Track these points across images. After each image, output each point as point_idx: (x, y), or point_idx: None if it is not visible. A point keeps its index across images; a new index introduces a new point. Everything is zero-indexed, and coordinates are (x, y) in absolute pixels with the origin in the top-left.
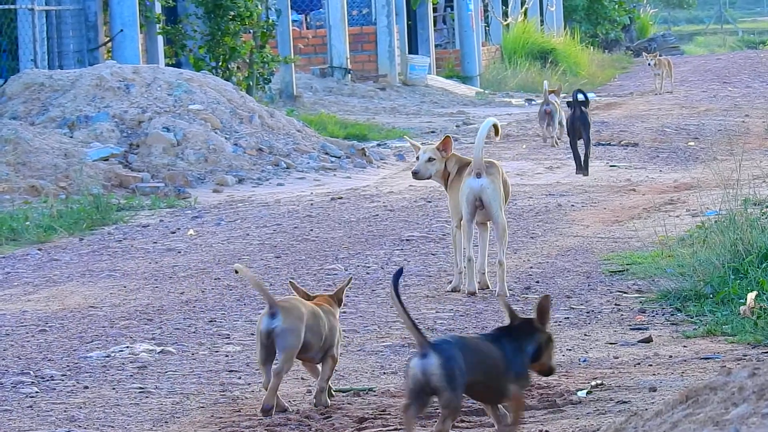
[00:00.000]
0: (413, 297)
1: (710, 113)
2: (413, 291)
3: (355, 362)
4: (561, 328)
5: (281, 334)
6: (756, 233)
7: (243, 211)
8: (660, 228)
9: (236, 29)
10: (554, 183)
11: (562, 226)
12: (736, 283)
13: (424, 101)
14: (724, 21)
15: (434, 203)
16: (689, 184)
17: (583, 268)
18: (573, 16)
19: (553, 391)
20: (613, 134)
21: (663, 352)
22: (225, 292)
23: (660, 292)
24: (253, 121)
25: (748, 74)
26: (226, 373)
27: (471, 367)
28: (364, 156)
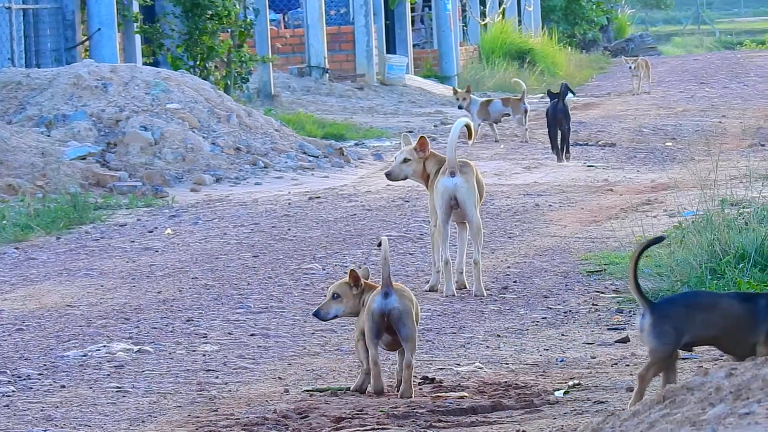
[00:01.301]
0: None
1: (687, 114)
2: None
3: (333, 362)
4: (538, 327)
5: (400, 317)
6: (733, 234)
7: (220, 210)
8: (637, 228)
9: (214, 28)
10: (532, 183)
11: (539, 226)
12: (714, 283)
13: (402, 101)
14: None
15: (412, 203)
16: (666, 185)
17: (561, 268)
18: (551, 16)
19: (531, 391)
20: (591, 134)
21: (640, 352)
22: (202, 291)
23: None
24: (230, 121)
25: (726, 75)
26: (204, 373)
27: (699, 324)
28: (341, 155)
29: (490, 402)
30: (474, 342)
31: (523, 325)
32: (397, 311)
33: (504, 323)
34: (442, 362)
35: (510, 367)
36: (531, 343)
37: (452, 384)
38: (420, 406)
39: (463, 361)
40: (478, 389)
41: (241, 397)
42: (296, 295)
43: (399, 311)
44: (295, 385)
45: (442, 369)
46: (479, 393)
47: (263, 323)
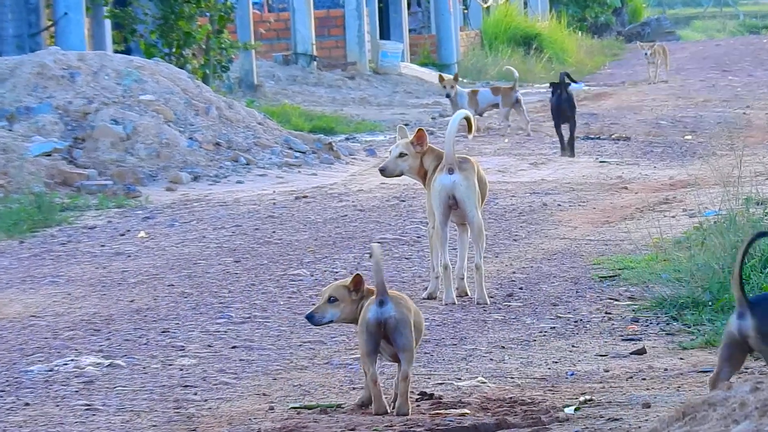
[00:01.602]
0: None
1: (709, 104)
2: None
3: (322, 376)
4: (546, 338)
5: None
6: None
7: (199, 211)
8: (654, 229)
9: (191, 12)
10: (539, 180)
11: (547, 227)
12: None
13: (397, 91)
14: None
15: (408, 202)
16: (686, 182)
17: (571, 273)
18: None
19: (538, 408)
20: (603, 127)
21: (657, 364)
22: (179, 299)
23: (654, 299)
24: (209, 113)
25: (750, 62)
26: (181, 389)
27: None
28: (331, 151)
29: (494, 420)
30: (476, 354)
31: (529, 335)
32: (393, 320)
33: (509, 334)
34: (441, 376)
35: (516, 381)
36: (538, 356)
37: (453, 400)
38: (418, 424)
39: (465, 375)
40: (480, 406)
41: (222, 415)
42: (282, 304)
43: (395, 320)
44: (281, 401)
45: (441, 384)
46: (482, 410)
47: (246, 334)
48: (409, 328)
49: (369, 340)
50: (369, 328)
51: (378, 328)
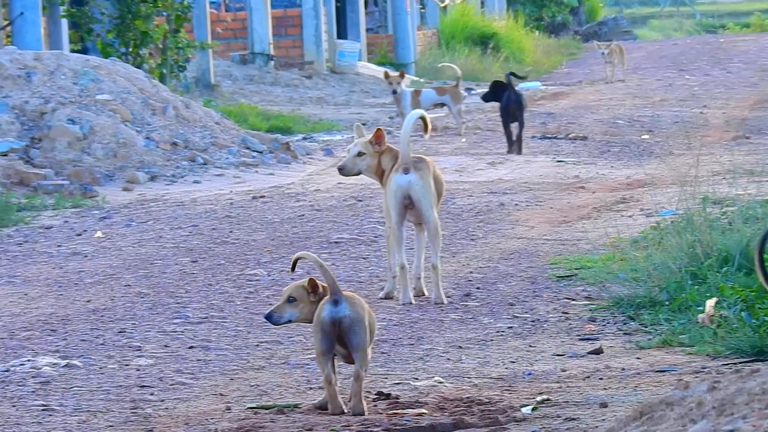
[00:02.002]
0: None
1: (666, 104)
2: None
3: (279, 376)
4: (504, 338)
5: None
6: (716, 234)
7: (156, 211)
8: (611, 229)
9: (148, 12)
10: (496, 180)
11: (504, 226)
12: (694, 289)
13: (354, 91)
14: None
15: (365, 202)
16: (643, 181)
17: (528, 272)
18: None
19: (496, 407)
20: (560, 126)
21: (615, 364)
22: (136, 299)
23: (611, 298)
24: (166, 113)
25: (707, 61)
26: (138, 389)
27: None
28: (288, 150)
29: (452, 420)
30: (433, 354)
31: (487, 335)
32: (348, 319)
33: (466, 333)
34: (398, 376)
35: (473, 381)
36: (496, 355)
37: (410, 400)
38: (375, 424)
39: (422, 375)
40: (438, 406)
41: (178, 415)
42: (239, 304)
43: (350, 319)
44: (237, 402)
45: (398, 384)
46: (439, 410)
47: (203, 335)
48: (364, 327)
49: (324, 339)
50: (324, 327)
51: (333, 327)
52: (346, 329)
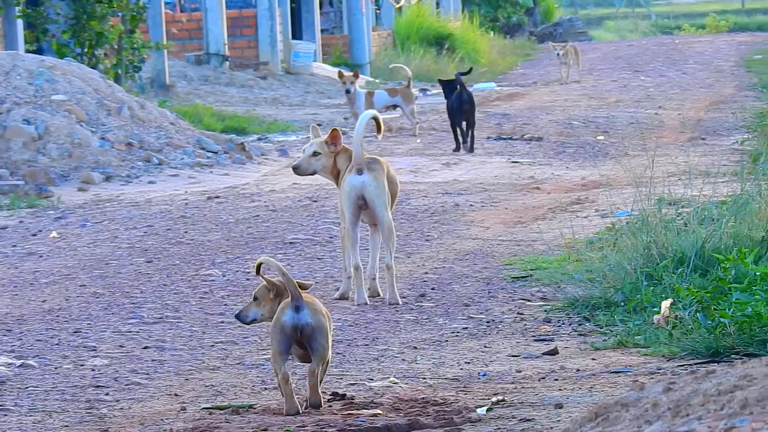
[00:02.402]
0: None
1: (621, 105)
2: None
3: (234, 377)
4: (459, 339)
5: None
6: (671, 235)
7: (111, 211)
8: (567, 230)
9: (103, 12)
10: (451, 180)
11: (459, 227)
12: (650, 289)
13: (309, 91)
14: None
15: (320, 203)
16: (598, 182)
17: (483, 273)
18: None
19: (450, 408)
20: (516, 127)
21: (570, 365)
22: (91, 300)
23: (567, 299)
24: (121, 113)
25: (662, 62)
26: (93, 389)
27: None
28: (243, 151)
29: (407, 420)
30: (388, 355)
31: (442, 336)
32: (310, 327)
33: (421, 334)
34: (353, 377)
35: (428, 382)
36: (451, 356)
37: (365, 401)
38: (329, 424)
39: (377, 375)
40: (392, 406)
41: (133, 415)
42: (194, 304)
43: (312, 327)
44: (192, 402)
45: (353, 384)
46: (394, 410)
47: (158, 335)
48: (325, 335)
49: (283, 341)
50: (285, 330)
51: (294, 332)
52: (308, 336)
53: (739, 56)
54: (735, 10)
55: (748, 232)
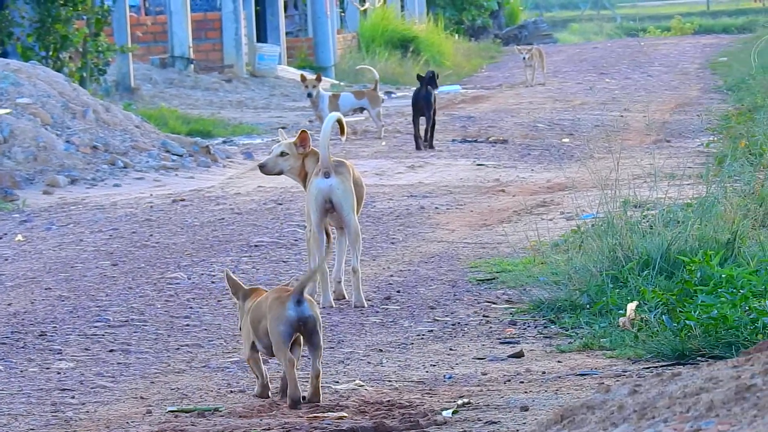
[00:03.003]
0: None
1: (586, 107)
2: None
3: (200, 380)
4: (424, 341)
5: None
6: (636, 238)
7: (76, 214)
8: (532, 232)
9: (68, 15)
10: (416, 183)
11: (425, 230)
12: (615, 292)
13: (274, 94)
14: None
15: (285, 205)
16: (563, 185)
17: (448, 276)
18: (436, 1)
19: (416, 411)
20: (481, 130)
21: (535, 367)
22: (56, 303)
23: (532, 302)
24: (87, 116)
25: (628, 64)
26: (58, 392)
27: None
28: (208, 154)
29: (372, 423)
30: (354, 357)
31: (407, 338)
32: (312, 320)
33: (387, 337)
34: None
35: (393, 384)
36: (416, 359)
37: (330, 403)
38: (295, 427)
39: (342, 378)
40: (358, 409)
41: (99, 418)
42: (159, 307)
43: (314, 320)
44: (158, 405)
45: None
46: (360, 413)
47: (123, 338)
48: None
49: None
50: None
51: (298, 324)
52: (310, 329)
53: (704, 58)
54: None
55: (713, 234)
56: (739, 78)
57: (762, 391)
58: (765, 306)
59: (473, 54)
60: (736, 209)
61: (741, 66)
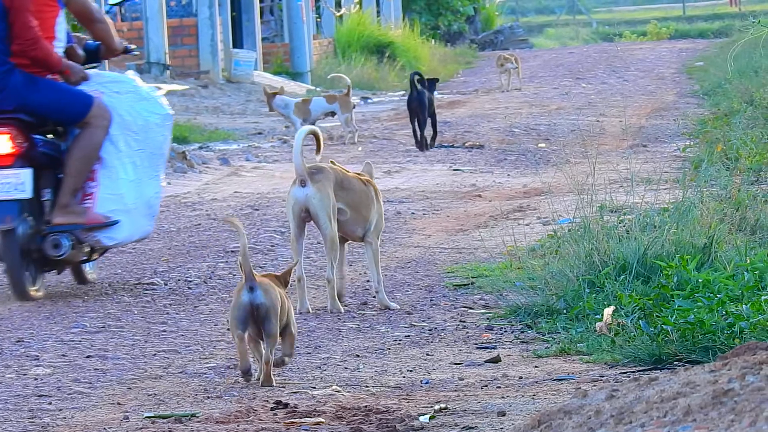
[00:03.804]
0: None
1: (562, 112)
2: None
3: (177, 385)
4: (401, 347)
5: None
6: (613, 243)
7: None
8: (508, 237)
9: None
10: (393, 189)
11: (401, 235)
12: (592, 297)
13: (250, 100)
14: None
15: (262, 211)
16: (540, 190)
17: (425, 281)
18: (412, 6)
19: (393, 416)
20: (457, 135)
21: (512, 372)
22: (33, 309)
23: (509, 307)
24: None
25: (604, 69)
26: (35, 399)
27: None
28: (184, 160)
29: (349, 428)
30: (331, 363)
31: (384, 344)
32: (264, 307)
33: (363, 342)
34: (296, 385)
35: (370, 390)
36: (393, 364)
37: (307, 409)
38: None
39: (319, 383)
40: (335, 414)
41: (76, 424)
42: (136, 313)
43: (266, 307)
44: (135, 411)
45: (296, 393)
46: (337, 418)
47: (100, 344)
48: (276, 316)
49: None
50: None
51: (251, 310)
52: (262, 316)
53: (680, 63)
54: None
55: (690, 239)
56: (715, 82)
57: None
58: (741, 310)
59: (449, 59)
60: (713, 214)
61: (717, 70)
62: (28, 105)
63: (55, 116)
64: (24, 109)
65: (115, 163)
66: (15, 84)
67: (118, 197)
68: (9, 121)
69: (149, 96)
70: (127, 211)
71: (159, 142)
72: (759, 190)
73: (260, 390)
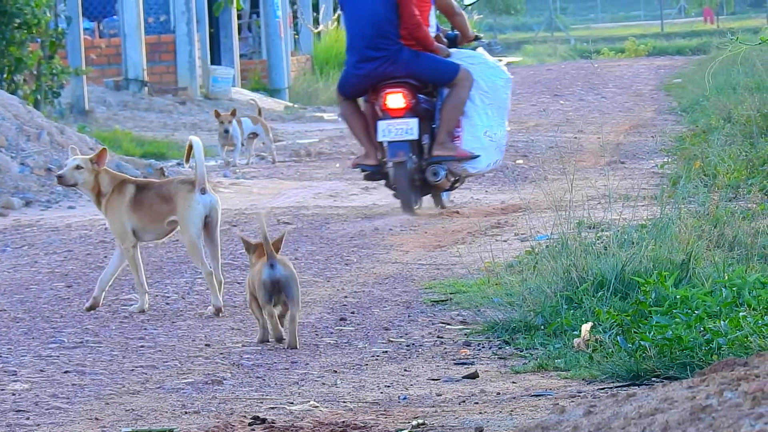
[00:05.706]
0: (217, 329)
1: (540, 128)
2: (217, 323)
3: (154, 401)
4: (379, 362)
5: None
6: (591, 259)
7: (31, 236)
8: (486, 253)
9: (22, 38)
10: (370, 205)
11: (379, 251)
12: (570, 313)
13: None
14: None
15: (240, 227)
16: (518, 206)
17: (403, 297)
18: None
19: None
20: None
21: (490, 388)
22: (11, 324)
23: (486, 323)
24: (41, 139)
25: (582, 86)
26: (13, 414)
27: None
28: (162, 176)
29: None
30: (308, 378)
31: (362, 359)
32: (285, 279)
33: (341, 358)
34: (273, 401)
35: (348, 405)
36: (371, 380)
37: (285, 424)
38: None
39: (297, 399)
40: (313, 430)
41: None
42: (114, 329)
43: (287, 278)
44: (113, 426)
45: (273, 408)
46: None
47: (78, 359)
48: (297, 284)
49: (265, 294)
50: (265, 286)
51: (273, 285)
52: (284, 287)
53: (658, 80)
54: (654, 34)
55: (668, 255)
56: (693, 99)
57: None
58: (719, 327)
59: None
60: (691, 230)
61: (695, 87)
62: (414, 72)
63: (433, 80)
64: (411, 75)
65: (473, 114)
66: (404, 57)
67: (477, 138)
68: (401, 84)
69: (495, 65)
70: (484, 147)
71: (503, 98)
72: (737, 206)
73: (238, 405)
